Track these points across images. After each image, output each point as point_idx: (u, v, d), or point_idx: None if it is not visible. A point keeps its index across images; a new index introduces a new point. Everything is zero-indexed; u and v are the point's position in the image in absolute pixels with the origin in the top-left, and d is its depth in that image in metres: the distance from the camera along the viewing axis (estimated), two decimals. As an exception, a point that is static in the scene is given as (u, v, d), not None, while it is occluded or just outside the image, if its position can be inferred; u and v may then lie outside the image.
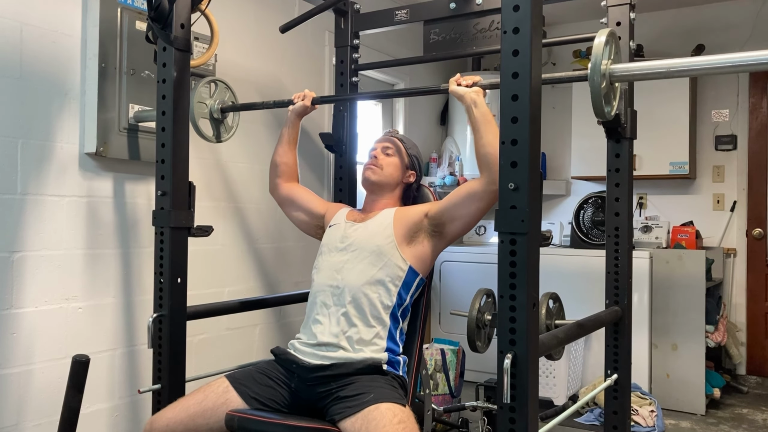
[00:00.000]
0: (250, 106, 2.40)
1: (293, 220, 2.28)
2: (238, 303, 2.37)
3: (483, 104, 1.78)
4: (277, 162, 2.27)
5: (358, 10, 2.72)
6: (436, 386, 3.24)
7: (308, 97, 2.22)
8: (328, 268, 1.94)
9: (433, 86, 2.11)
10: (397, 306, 1.87)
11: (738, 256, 4.40)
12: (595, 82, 1.44)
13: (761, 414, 3.69)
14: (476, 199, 1.81)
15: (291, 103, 2.24)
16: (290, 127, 2.26)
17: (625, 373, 2.22)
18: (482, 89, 1.80)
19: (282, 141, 2.28)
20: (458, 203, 1.85)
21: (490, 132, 1.75)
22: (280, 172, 2.27)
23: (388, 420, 1.57)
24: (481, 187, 1.78)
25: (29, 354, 2.15)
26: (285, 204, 2.28)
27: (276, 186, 2.29)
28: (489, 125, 1.76)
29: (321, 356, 1.79)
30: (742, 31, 4.34)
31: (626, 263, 2.22)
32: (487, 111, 1.78)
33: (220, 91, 2.38)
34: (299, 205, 2.23)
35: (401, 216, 1.94)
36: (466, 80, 1.83)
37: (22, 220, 2.13)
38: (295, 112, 2.24)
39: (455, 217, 1.86)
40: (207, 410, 1.73)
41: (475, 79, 1.82)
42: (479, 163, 1.78)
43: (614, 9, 2.18)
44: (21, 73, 2.13)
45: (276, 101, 2.29)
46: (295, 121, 2.26)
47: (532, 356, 1.36)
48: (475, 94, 1.79)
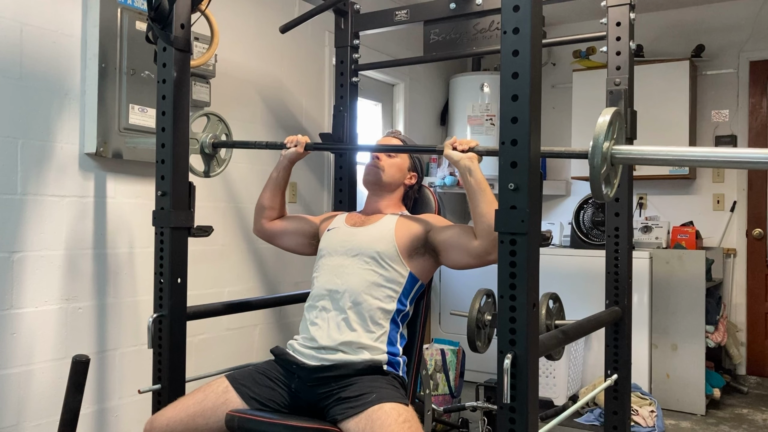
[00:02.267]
0: (243, 144, 2.28)
1: (289, 247, 2.21)
2: (238, 303, 2.37)
3: (478, 171, 1.75)
4: (265, 206, 2.18)
5: (358, 11, 2.72)
6: (436, 386, 3.24)
7: (301, 143, 2.11)
8: (328, 273, 1.93)
9: (428, 146, 2.05)
10: (397, 311, 1.86)
11: (738, 257, 4.40)
12: (596, 164, 1.39)
13: (761, 414, 3.69)
14: (469, 256, 1.79)
15: (283, 146, 2.14)
16: (281, 171, 2.16)
17: (625, 373, 2.22)
18: (477, 155, 1.76)
19: (271, 185, 2.18)
20: (454, 247, 1.83)
21: (484, 201, 1.72)
22: (266, 215, 2.19)
23: (393, 419, 1.57)
24: (477, 251, 1.77)
25: (29, 354, 2.15)
26: (276, 237, 2.21)
27: (262, 226, 2.21)
28: (484, 194, 1.73)
29: (321, 358, 1.78)
30: (742, 31, 4.34)
31: (626, 263, 2.22)
32: (481, 179, 1.74)
33: (213, 124, 2.24)
34: (293, 230, 2.17)
35: (403, 226, 1.92)
36: (461, 145, 1.78)
37: (22, 220, 2.13)
38: (287, 158, 2.14)
39: (448, 257, 1.86)
40: (207, 410, 1.73)
41: (471, 144, 1.78)
42: (476, 229, 1.76)
43: (614, 9, 2.18)
44: (21, 73, 2.13)
45: (268, 143, 2.19)
46: (288, 166, 2.15)
47: (532, 356, 1.36)
48: (469, 161, 1.75)
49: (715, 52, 4.41)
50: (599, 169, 1.39)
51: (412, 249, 1.89)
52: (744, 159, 1.36)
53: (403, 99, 4.35)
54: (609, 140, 1.42)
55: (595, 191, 1.42)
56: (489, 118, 4.55)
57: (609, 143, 1.42)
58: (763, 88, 4.35)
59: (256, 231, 2.25)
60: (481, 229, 1.74)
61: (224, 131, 2.29)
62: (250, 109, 3.06)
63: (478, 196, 1.73)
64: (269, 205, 2.18)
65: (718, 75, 4.42)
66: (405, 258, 1.88)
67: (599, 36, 2.24)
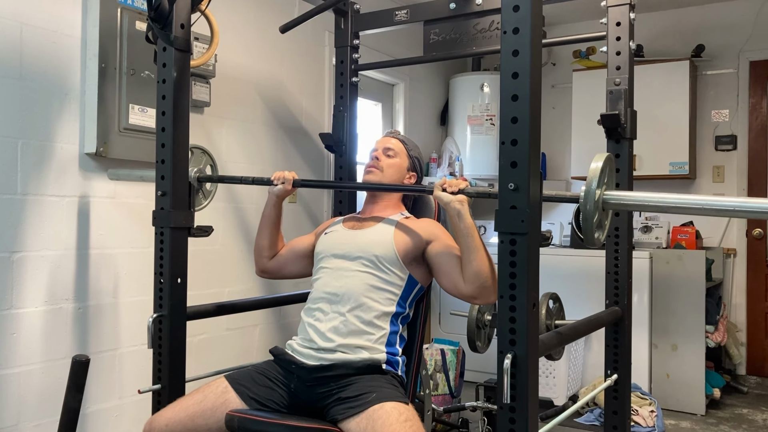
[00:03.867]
0: (230, 179, 2.22)
1: (296, 273, 2.15)
2: (238, 303, 2.37)
3: (467, 216, 1.72)
4: (264, 246, 2.13)
5: (358, 10, 2.72)
6: (436, 386, 3.24)
7: (288, 180, 2.05)
8: (326, 275, 1.92)
9: (417, 186, 2.01)
10: (396, 314, 1.86)
11: (738, 256, 4.39)
12: (588, 210, 1.38)
13: (761, 414, 3.69)
14: (457, 293, 1.79)
15: (270, 182, 2.08)
16: (272, 209, 2.10)
17: (625, 373, 2.22)
18: (468, 197, 1.73)
19: (266, 224, 2.12)
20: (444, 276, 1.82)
21: (472, 248, 1.71)
22: (267, 254, 2.14)
23: (394, 419, 1.56)
24: (463, 293, 1.77)
25: (29, 354, 2.15)
26: (280, 271, 2.15)
27: (264, 266, 2.15)
28: (472, 240, 1.71)
29: (319, 358, 1.78)
30: (742, 31, 4.34)
31: (626, 263, 2.22)
32: (470, 224, 1.71)
33: (197, 157, 2.18)
34: (293, 257, 2.13)
35: (403, 232, 1.91)
36: (451, 186, 1.74)
37: (22, 220, 2.13)
38: (275, 194, 2.08)
39: (439, 280, 1.86)
40: (206, 410, 1.73)
41: (460, 185, 1.74)
42: (464, 274, 1.75)
43: (614, 9, 2.18)
44: (21, 73, 2.13)
45: (255, 178, 2.11)
46: (277, 203, 2.10)
47: (532, 356, 1.36)
48: (459, 204, 1.72)
49: (715, 52, 4.41)
50: (592, 216, 1.39)
51: (410, 257, 1.88)
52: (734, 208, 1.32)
53: (403, 99, 4.35)
54: (601, 187, 1.42)
55: (588, 238, 1.41)
56: (489, 118, 4.55)
57: (601, 190, 1.42)
58: (763, 88, 4.35)
59: (259, 272, 2.17)
60: (468, 274, 1.73)
61: (209, 162, 2.24)
62: (250, 109, 3.06)
63: (466, 241, 1.72)
64: (268, 243, 2.13)
65: (718, 75, 4.42)
66: (404, 262, 1.88)
67: (599, 36, 2.24)
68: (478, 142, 4.59)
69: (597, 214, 1.41)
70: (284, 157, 3.24)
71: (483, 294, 1.74)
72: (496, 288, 1.72)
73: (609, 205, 1.44)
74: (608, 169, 1.46)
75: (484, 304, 1.82)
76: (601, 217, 1.45)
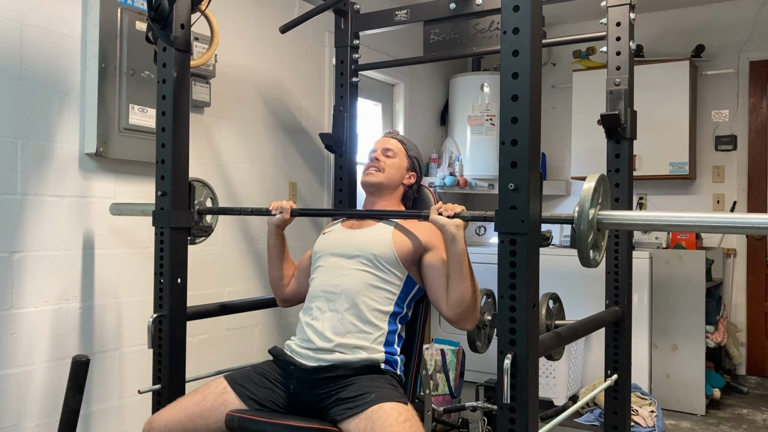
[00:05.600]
0: (228, 211, 2.16)
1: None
2: (238, 303, 2.37)
3: (461, 241, 1.71)
4: (277, 276, 2.12)
5: (358, 11, 2.72)
6: (436, 386, 3.24)
7: (286, 209, 2.03)
8: (324, 274, 1.92)
9: (414, 211, 2.00)
10: (394, 314, 1.86)
11: (738, 257, 4.39)
12: (582, 231, 1.37)
13: (761, 414, 3.69)
14: (438, 308, 1.81)
15: (269, 212, 2.06)
16: (275, 239, 2.09)
17: (625, 373, 2.22)
18: (463, 221, 1.72)
19: (273, 255, 2.11)
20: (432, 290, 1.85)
21: (459, 274, 1.72)
22: (283, 284, 2.13)
23: (393, 419, 1.56)
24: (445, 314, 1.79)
25: (29, 354, 2.15)
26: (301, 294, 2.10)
27: (285, 296, 2.14)
28: (461, 266, 1.71)
29: (317, 358, 1.78)
30: (742, 31, 4.34)
31: (626, 263, 2.22)
32: (462, 251, 1.71)
33: (197, 190, 2.15)
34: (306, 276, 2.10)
35: (401, 233, 1.90)
36: (447, 211, 1.74)
37: (22, 220, 2.13)
38: (274, 225, 2.07)
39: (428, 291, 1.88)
40: (205, 411, 1.73)
41: (456, 209, 1.73)
42: (448, 298, 1.76)
43: (614, 9, 2.18)
44: (21, 73, 2.13)
45: (254, 209, 2.10)
46: (278, 233, 2.09)
47: (532, 356, 1.36)
48: (455, 228, 1.70)
49: (715, 52, 4.41)
50: (587, 236, 1.38)
51: (409, 259, 1.88)
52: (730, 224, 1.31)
53: (403, 99, 4.35)
54: (594, 207, 1.41)
55: (584, 259, 1.40)
56: (489, 118, 4.55)
57: (595, 210, 1.41)
58: (763, 88, 4.35)
59: (281, 303, 2.17)
60: (451, 299, 1.75)
61: (209, 195, 2.22)
62: (250, 109, 3.06)
63: (456, 267, 1.73)
64: (280, 274, 2.12)
65: (718, 75, 4.42)
66: (403, 262, 1.88)
67: (599, 36, 2.24)
68: (478, 142, 4.59)
69: (592, 235, 1.39)
70: (284, 157, 3.24)
71: (462, 320, 1.77)
72: (476, 317, 1.78)
73: (604, 225, 1.43)
74: (602, 188, 1.45)
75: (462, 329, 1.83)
76: (597, 237, 1.43)
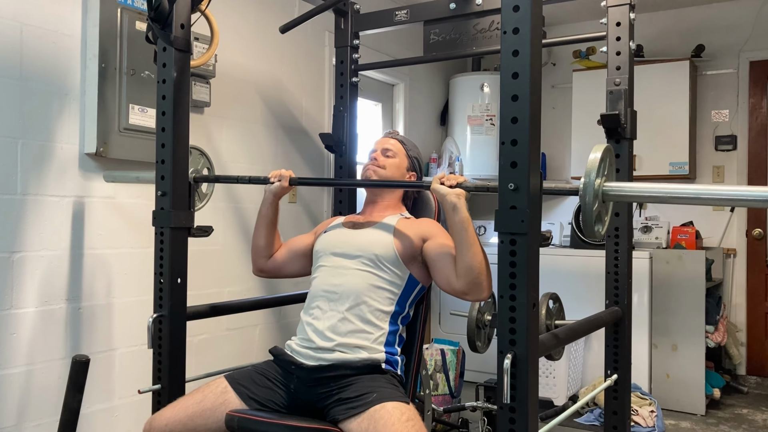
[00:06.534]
0: (225, 179, 2.21)
1: (295, 273, 2.14)
2: (238, 303, 2.37)
3: (463, 209, 1.70)
4: (261, 245, 2.12)
5: (358, 11, 2.72)
6: (436, 386, 3.24)
7: (285, 177, 2.04)
8: (325, 274, 1.92)
9: (416, 182, 1.97)
10: (396, 314, 1.86)
11: (738, 257, 4.39)
12: (587, 202, 1.37)
13: (761, 414, 3.69)
14: (450, 289, 1.78)
15: (267, 181, 2.06)
16: (269, 208, 2.09)
17: (625, 373, 2.22)
18: (465, 191, 1.73)
19: (262, 223, 2.10)
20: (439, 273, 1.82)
21: (466, 243, 1.70)
22: (265, 253, 2.13)
23: (396, 418, 1.56)
24: (455, 289, 1.76)
25: (29, 354, 2.15)
26: (279, 270, 2.14)
27: (263, 266, 2.14)
28: (466, 234, 1.70)
29: (318, 358, 1.78)
30: (742, 31, 4.34)
31: (626, 263, 2.22)
32: (465, 218, 1.70)
33: (194, 158, 2.16)
34: (293, 256, 2.12)
35: (402, 231, 1.91)
36: (449, 180, 1.74)
37: (22, 220, 2.13)
38: (272, 193, 2.07)
39: (434, 277, 1.85)
40: (206, 410, 1.73)
41: (459, 179, 1.74)
42: (456, 269, 1.74)
43: (614, 9, 2.18)
44: (21, 73, 2.13)
45: (252, 177, 2.08)
46: (274, 201, 2.08)
47: (532, 356, 1.36)
48: (456, 197, 1.70)
49: (715, 52, 4.41)
50: (591, 206, 1.37)
51: (410, 256, 1.88)
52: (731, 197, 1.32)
53: (403, 99, 4.35)
54: (600, 177, 1.40)
55: (588, 229, 1.40)
56: (489, 118, 4.55)
57: (600, 180, 1.40)
58: (763, 88, 4.35)
59: (257, 272, 2.16)
60: (460, 269, 1.72)
61: (206, 165, 2.22)
62: (250, 109, 3.06)
63: (460, 235, 1.71)
64: (265, 243, 2.12)
65: (718, 75, 4.42)
66: (404, 261, 1.88)
67: (599, 36, 2.24)
68: (478, 142, 4.59)
69: (597, 205, 1.39)
70: (284, 157, 3.24)
71: (474, 290, 1.72)
72: (489, 285, 1.72)
73: (609, 196, 1.42)
74: (608, 159, 1.44)
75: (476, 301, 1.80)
76: (601, 209, 1.43)
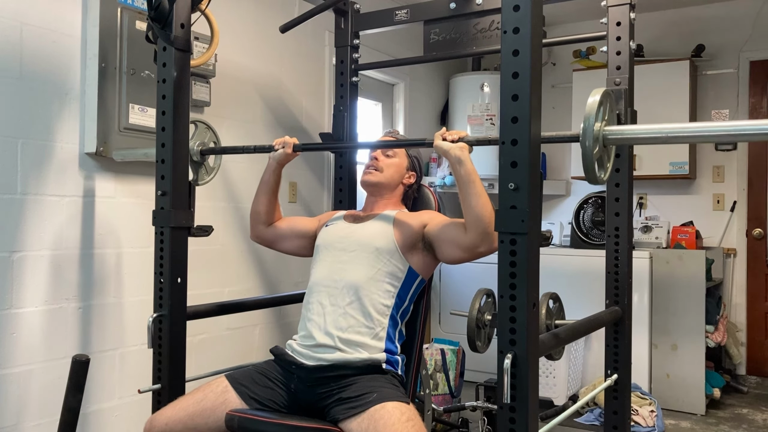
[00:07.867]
0: (232, 150, 2.22)
1: (290, 250, 2.17)
2: (238, 303, 2.37)
3: (468, 162, 1.71)
4: (260, 211, 2.13)
5: (358, 10, 2.72)
6: (436, 386, 3.24)
7: (289, 144, 2.05)
8: (325, 268, 1.93)
9: (417, 139, 2.00)
10: (396, 307, 1.86)
11: (738, 257, 4.40)
12: (587, 147, 1.34)
13: (761, 414, 3.69)
14: (460, 250, 1.77)
15: (272, 149, 2.08)
16: (271, 174, 2.10)
17: (625, 373, 2.22)
18: (468, 145, 1.72)
19: (263, 189, 2.12)
20: (446, 241, 1.82)
21: (473, 193, 1.70)
22: (263, 220, 2.15)
23: (396, 418, 1.56)
24: (466, 244, 1.75)
25: (29, 354, 2.15)
26: (275, 242, 2.16)
27: (260, 232, 2.16)
28: (473, 185, 1.70)
29: (318, 358, 1.78)
30: (742, 31, 4.34)
31: (626, 263, 2.22)
32: (471, 170, 1.71)
33: (201, 132, 2.17)
34: (292, 233, 2.14)
35: (402, 222, 1.92)
36: (451, 135, 1.74)
37: (22, 220, 2.13)
38: (275, 160, 2.08)
39: (442, 250, 1.84)
40: (206, 410, 1.73)
41: (461, 134, 1.74)
42: (465, 221, 1.73)
43: (614, 9, 2.18)
44: (21, 73, 2.13)
45: (257, 146, 2.11)
46: (277, 168, 2.09)
47: (532, 356, 1.35)
48: (459, 151, 1.71)
49: (715, 52, 4.41)
50: (591, 150, 1.35)
51: (410, 244, 1.89)
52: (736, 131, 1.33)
53: (403, 99, 4.35)
54: (600, 121, 1.39)
55: (589, 173, 1.38)
56: (489, 118, 4.55)
57: (600, 124, 1.39)
58: (763, 88, 4.35)
59: (254, 237, 2.20)
60: (469, 221, 1.71)
61: (212, 139, 2.23)
62: (250, 109, 3.06)
63: (467, 187, 1.71)
64: (264, 209, 2.14)
65: (718, 75, 4.42)
66: (404, 252, 1.88)
67: (599, 36, 2.24)
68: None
69: (597, 149, 1.37)
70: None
71: (485, 240, 1.70)
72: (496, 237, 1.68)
73: (610, 140, 1.40)
74: (607, 103, 1.42)
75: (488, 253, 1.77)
76: (602, 153, 1.41)
